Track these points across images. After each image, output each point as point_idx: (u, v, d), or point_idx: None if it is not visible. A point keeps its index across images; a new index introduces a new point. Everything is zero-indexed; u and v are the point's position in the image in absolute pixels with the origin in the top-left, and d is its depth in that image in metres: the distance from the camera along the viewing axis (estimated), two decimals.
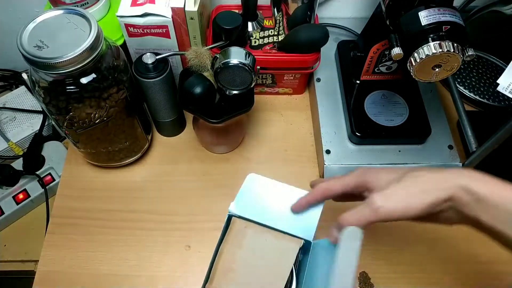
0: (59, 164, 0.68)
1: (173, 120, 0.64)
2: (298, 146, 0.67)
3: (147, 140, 0.64)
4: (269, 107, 0.72)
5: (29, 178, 0.67)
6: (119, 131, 0.56)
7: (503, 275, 0.56)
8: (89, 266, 0.56)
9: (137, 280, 0.55)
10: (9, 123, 0.71)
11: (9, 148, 0.68)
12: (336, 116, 0.64)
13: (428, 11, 0.44)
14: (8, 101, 0.73)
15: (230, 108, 0.55)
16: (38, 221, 0.66)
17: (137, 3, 0.56)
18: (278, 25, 0.66)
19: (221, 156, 0.66)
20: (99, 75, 0.48)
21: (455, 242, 0.59)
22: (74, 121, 0.50)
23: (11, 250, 0.64)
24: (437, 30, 0.43)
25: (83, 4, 0.59)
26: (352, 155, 0.61)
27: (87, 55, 0.44)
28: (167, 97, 0.59)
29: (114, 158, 0.61)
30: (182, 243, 0.57)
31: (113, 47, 0.51)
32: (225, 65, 0.49)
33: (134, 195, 0.62)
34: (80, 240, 0.58)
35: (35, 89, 0.48)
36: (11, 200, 0.65)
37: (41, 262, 0.56)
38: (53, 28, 0.45)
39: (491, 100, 0.71)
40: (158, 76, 0.55)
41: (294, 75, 0.68)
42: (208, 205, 0.61)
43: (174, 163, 0.65)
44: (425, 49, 0.43)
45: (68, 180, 0.64)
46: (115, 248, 0.57)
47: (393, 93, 0.64)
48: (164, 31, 0.58)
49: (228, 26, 0.56)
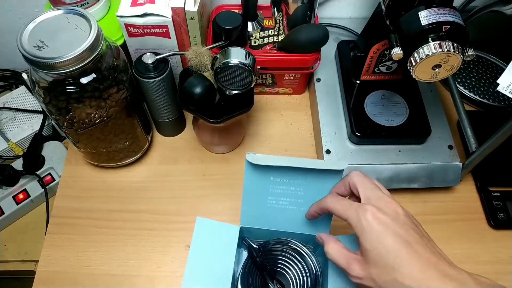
0: (59, 164, 0.68)
1: (173, 120, 0.64)
2: (298, 146, 0.67)
3: (147, 140, 0.64)
4: (269, 107, 0.72)
5: (29, 178, 0.67)
6: (119, 131, 0.56)
7: (503, 275, 0.56)
8: (89, 266, 0.56)
9: (137, 280, 0.55)
10: (9, 123, 0.71)
11: (9, 148, 0.68)
12: (336, 116, 0.64)
13: (428, 11, 0.44)
14: (8, 101, 0.73)
15: (230, 108, 0.55)
16: (38, 221, 0.66)
17: (137, 3, 0.56)
18: (278, 25, 0.66)
19: (221, 156, 0.66)
20: (99, 75, 0.48)
21: (455, 242, 0.59)
22: (74, 121, 0.50)
23: (11, 250, 0.64)
24: (437, 30, 0.43)
25: (83, 4, 0.59)
26: (352, 155, 0.61)
27: (87, 55, 0.44)
28: (167, 97, 0.59)
29: (114, 158, 0.61)
30: (182, 243, 0.57)
31: (113, 47, 0.51)
32: (225, 65, 0.49)
33: (134, 195, 0.62)
34: (80, 240, 0.58)
35: (35, 89, 0.48)
36: (11, 200, 0.65)
37: (41, 262, 0.56)
38: (53, 28, 0.45)
39: (491, 100, 0.71)
40: (158, 76, 0.55)
41: (294, 75, 0.68)
42: (208, 205, 0.61)
43: (174, 163, 0.65)
44: (425, 49, 0.43)
45: (68, 180, 0.64)
46: (115, 248, 0.57)
47: (393, 93, 0.64)
48: (164, 31, 0.58)
49: (228, 26, 0.56)
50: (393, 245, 0.34)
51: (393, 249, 0.34)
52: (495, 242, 0.59)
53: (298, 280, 0.48)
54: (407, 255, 0.33)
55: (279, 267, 0.49)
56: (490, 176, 0.64)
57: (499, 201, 0.62)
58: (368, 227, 0.35)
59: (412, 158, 0.60)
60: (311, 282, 0.46)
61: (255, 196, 0.46)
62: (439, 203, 0.62)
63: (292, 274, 0.48)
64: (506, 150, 0.56)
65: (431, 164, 0.60)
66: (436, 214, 0.61)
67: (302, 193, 0.45)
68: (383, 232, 0.34)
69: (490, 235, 0.60)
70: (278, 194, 0.46)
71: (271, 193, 0.46)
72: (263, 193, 0.46)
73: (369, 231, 0.35)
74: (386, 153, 0.61)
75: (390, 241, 0.34)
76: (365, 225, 0.35)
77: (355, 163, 0.59)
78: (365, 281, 0.35)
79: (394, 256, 0.33)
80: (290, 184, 0.45)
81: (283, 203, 0.46)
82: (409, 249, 0.34)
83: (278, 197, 0.46)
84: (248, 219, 0.48)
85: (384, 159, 0.60)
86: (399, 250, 0.33)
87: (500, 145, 0.53)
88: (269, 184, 0.45)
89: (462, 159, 0.60)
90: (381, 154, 0.61)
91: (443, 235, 0.59)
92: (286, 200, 0.46)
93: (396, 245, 0.34)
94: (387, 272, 0.33)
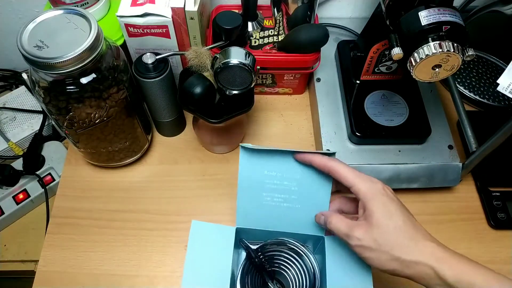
0: (59, 164, 0.68)
1: (173, 120, 0.64)
2: (298, 146, 0.67)
3: (147, 140, 0.64)
4: (269, 107, 0.72)
5: (29, 178, 0.67)
6: (119, 131, 0.56)
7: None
8: (89, 266, 0.56)
9: (137, 280, 0.55)
10: (9, 123, 0.71)
11: (9, 148, 0.68)
12: (336, 116, 0.64)
13: (428, 11, 0.44)
14: (8, 101, 0.73)
15: (230, 108, 0.55)
16: (38, 221, 0.66)
17: (137, 3, 0.56)
18: (278, 25, 0.66)
19: (221, 156, 0.66)
20: (99, 75, 0.48)
21: (455, 242, 0.59)
22: (74, 121, 0.50)
23: (11, 250, 0.64)
24: (437, 30, 0.43)
25: (83, 4, 0.59)
26: (352, 155, 0.61)
27: (87, 55, 0.44)
28: (167, 97, 0.59)
29: (114, 158, 0.61)
30: (182, 243, 0.57)
31: (113, 47, 0.51)
32: (225, 65, 0.49)
33: (134, 195, 0.62)
34: (80, 240, 0.58)
35: (35, 89, 0.48)
36: (11, 200, 0.65)
37: (41, 262, 0.56)
38: (53, 28, 0.45)
39: (491, 100, 0.71)
40: (158, 76, 0.55)
41: (294, 75, 0.68)
42: (208, 205, 0.61)
43: (174, 163, 0.65)
44: (425, 49, 0.43)
45: (68, 180, 0.64)
46: (115, 248, 0.57)
47: (393, 93, 0.64)
48: (164, 31, 0.58)
49: (228, 26, 0.56)
50: (396, 211, 0.39)
51: (397, 214, 0.39)
52: (495, 242, 0.59)
53: (297, 280, 0.48)
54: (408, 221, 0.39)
55: (278, 267, 0.49)
56: (490, 176, 0.64)
57: (499, 201, 0.62)
58: (379, 195, 0.39)
59: (412, 158, 0.60)
60: (310, 281, 0.47)
61: (250, 192, 0.47)
62: (439, 203, 0.62)
63: (291, 273, 0.49)
64: (506, 150, 0.56)
65: (431, 164, 0.60)
66: (436, 214, 0.61)
67: (295, 188, 0.46)
68: (388, 201, 0.39)
69: (490, 235, 0.60)
70: (272, 189, 0.46)
71: (265, 188, 0.46)
72: (258, 187, 0.46)
73: (379, 198, 0.39)
74: (386, 153, 0.61)
75: (393, 207, 0.39)
76: (375, 192, 0.39)
77: (355, 163, 0.59)
78: (366, 241, 0.38)
79: (397, 219, 0.38)
80: (284, 179, 0.46)
81: (278, 200, 0.47)
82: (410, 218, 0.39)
83: (273, 193, 0.47)
84: (244, 219, 0.48)
85: (384, 159, 0.60)
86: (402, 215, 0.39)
87: (500, 145, 0.53)
88: (264, 179, 0.46)
89: (462, 159, 0.60)
90: (381, 154, 0.61)
91: (443, 235, 0.58)
92: (280, 196, 0.47)
93: (399, 211, 0.39)
94: (388, 231, 0.38)
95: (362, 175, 0.41)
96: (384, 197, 0.39)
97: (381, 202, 0.39)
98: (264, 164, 0.45)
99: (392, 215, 0.38)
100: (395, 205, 0.39)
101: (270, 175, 0.46)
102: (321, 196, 0.46)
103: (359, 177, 0.40)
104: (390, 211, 0.38)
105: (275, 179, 0.46)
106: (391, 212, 0.38)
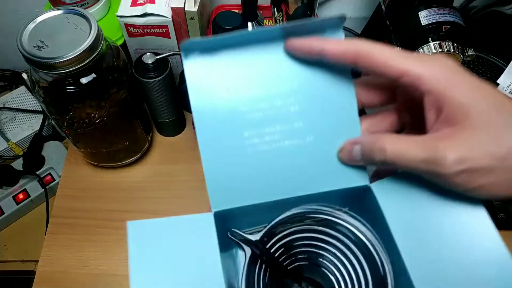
0: (59, 164, 0.68)
1: (173, 120, 0.64)
2: None
3: (147, 140, 0.64)
4: None
5: (29, 178, 0.67)
6: (119, 131, 0.56)
7: None
8: (89, 266, 0.56)
9: None
10: (9, 123, 0.71)
11: (9, 148, 0.68)
12: None
13: (428, 11, 0.44)
14: (8, 101, 0.73)
15: None
16: (38, 221, 0.66)
17: (137, 3, 0.56)
18: None
19: None
20: (99, 75, 0.48)
21: None
22: (74, 121, 0.50)
23: (11, 250, 0.64)
24: (437, 30, 0.43)
25: (83, 4, 0.59)
26: None
27: (87, 55, 0.44)
28: (167, 97, 0.58)
29: (114, 158, 0.61)
30: None
31: (113, 47, 0.51)
32: None
33: (134, 195, 0.62)
34: (80, 240, 0.58)
35: (35, 89, 0.48)
36: (11, 200, 0.65)
37: (41, 262, 0.56)
38: (53, 28, 0.45)
39: None
40: (158, 76, 0.55)
41: None
42: (208, 205, 0.61)
43: (174, 163, 0.65)
44: (425, 49, 0.43)
45: (68, 180, 0.64)
46: (115, 248, 0.57)
47: None
48: (164, 31, 0.58)
49: (228, 26, 0.56)
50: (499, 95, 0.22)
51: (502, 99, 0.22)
52: None
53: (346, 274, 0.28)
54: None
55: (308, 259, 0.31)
56: None
57: (499, 201, 0.62)
58: (458, 76, 0.23)
59: None
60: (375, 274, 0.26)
61: (220, 137, 0.27)
62: None
63: (333, 266, 0.29)
64: None
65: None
66: None
67: (296, 107, 0.26)
68: (476, 81, 0.23)
69: None
70: (258, 122, 0.26)
71: (245, 123, 0.26)
72: (232, 125, 0.26)
73: (464, 81, 0.22)
74: None
75: (489, 90, 0.22)
76: (453, 72, 0.23)
77: None
78: (475, 160, 0.21)
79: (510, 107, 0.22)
80: (274, 96, 0.26)
81: (273, 138, 0.27)
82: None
83: (261, 128, 0.27)
84: (223, 193, 0.30)
85: None
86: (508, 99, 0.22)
87: None
88: (239, 104, 0.26)
89: None
90: None
91: None
92: (275, 128, 0.27)
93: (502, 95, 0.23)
94: (509, 132, 0.21)
95: (414, 54, 0.24)
96: (470, 78, 0.23)
97: (470, 86, 0.22)
98: (234, 73, 0.26)
99: (501, 104, 0.22)
100: (490, 87, 0.23)
101: (248, 94, 0.26)
102: (344, 112, 0.26)
103: (412, 57, 0.23)
104: (495, 98, 0.22)
105: (258, 101, 0.26)
106: (496, 99, 0.22)
